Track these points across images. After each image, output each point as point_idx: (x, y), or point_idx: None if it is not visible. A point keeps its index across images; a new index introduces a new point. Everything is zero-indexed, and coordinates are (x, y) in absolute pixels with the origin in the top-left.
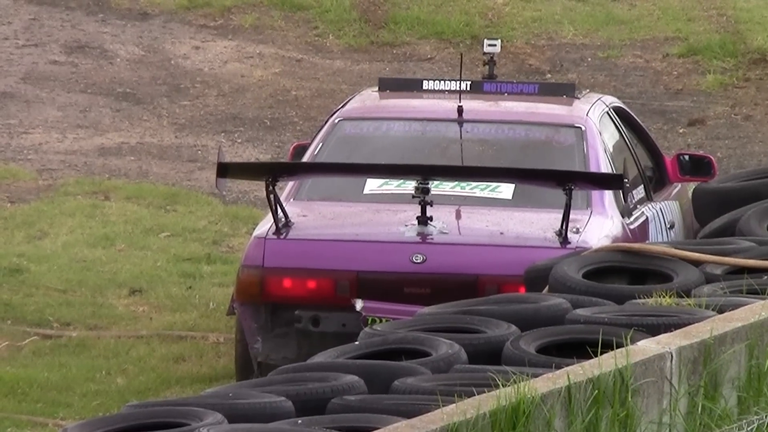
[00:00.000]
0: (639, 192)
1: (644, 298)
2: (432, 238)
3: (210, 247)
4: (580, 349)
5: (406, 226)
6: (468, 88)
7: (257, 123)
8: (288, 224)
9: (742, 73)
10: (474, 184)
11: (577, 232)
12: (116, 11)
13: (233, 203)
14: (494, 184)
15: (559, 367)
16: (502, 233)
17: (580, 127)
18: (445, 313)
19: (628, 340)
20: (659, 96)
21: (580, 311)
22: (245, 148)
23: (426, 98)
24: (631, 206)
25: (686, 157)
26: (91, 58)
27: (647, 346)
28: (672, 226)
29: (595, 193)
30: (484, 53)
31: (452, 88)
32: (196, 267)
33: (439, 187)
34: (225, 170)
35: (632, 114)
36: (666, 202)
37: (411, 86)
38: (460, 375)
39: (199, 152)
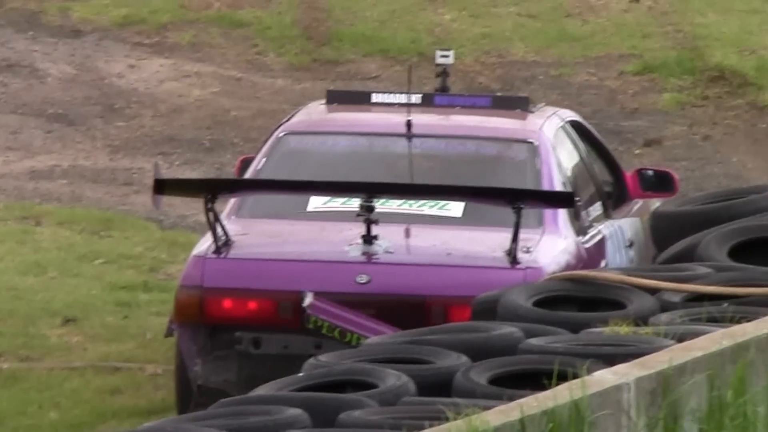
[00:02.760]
0: (596, 209)
1: (600, 326)
2: (377, 258)
3: (147, 274)
4: (534, 380)
5: (351, 245)
6: (419, 102)
7: (195, 144)
8: (228, 243)
9: (700, 91)
10: (422, 201)
11: (528, 251)
12: (47, 28)
13: (171, 228)
14: (443, 202)
15: (512, 398)
16: (450, 253)
17: (532, 143)
18: (392, 343)
19: (584, 371)
20: (614, 115)
21: (533, 341)
22: (183, 170)
23: (374, 112)
24: (587, 224)
25: (647, 173)
26: (21, 77)
27: (604, 377)
28: (631, 244)
29: (548, 212)
30: (437, 64)
31: (402, 101)
32: (132, 295)
33: (385, 205)
34: (162, 187)
35: (590, 128)
36: (626, 219)
37: (359, 99)
38: (409, 407)
39: (135, 175)
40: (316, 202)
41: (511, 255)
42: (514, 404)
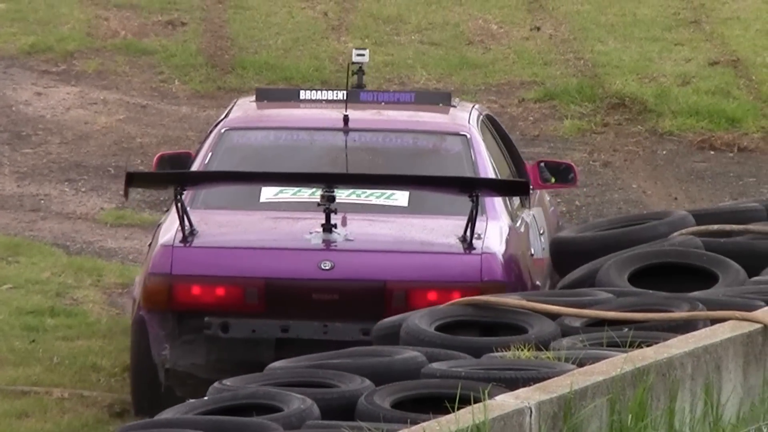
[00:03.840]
0: (515, 198)
1: (502, 351)
2: (339, 245)
3: (53, 299)
4: (436, 403)
5: (312, 233)
6: (345, 98)
7: (101, 171)
8: (193, 232)
9: (600, 118)
10: (369, 191)
11: (479, 237)
12: None
13: (77, 254)
14: (389, 192)
15: (414, 422)
16: (408, 239)
17: (465, 135)
18: (297, 367)
19: (486, 395)
20: (515, 142)
21: (435, 365)
22: (89, 197)
23: (310, 108)
24: (514, 212)
25: (548, 164)
26: None
27: (506, 401)
28: (543, 233)
29: (488, 200)
30: (353, 63)
31: (329, 98)
32: (39, 320)
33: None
34: (132, 179)
35: (498, 122)
36: (535, 208)
37: (288, 96)
38: (313, 431)
39: (42, 201)
40: (268, 194)
41: (467, 241)
42: (417, 428)
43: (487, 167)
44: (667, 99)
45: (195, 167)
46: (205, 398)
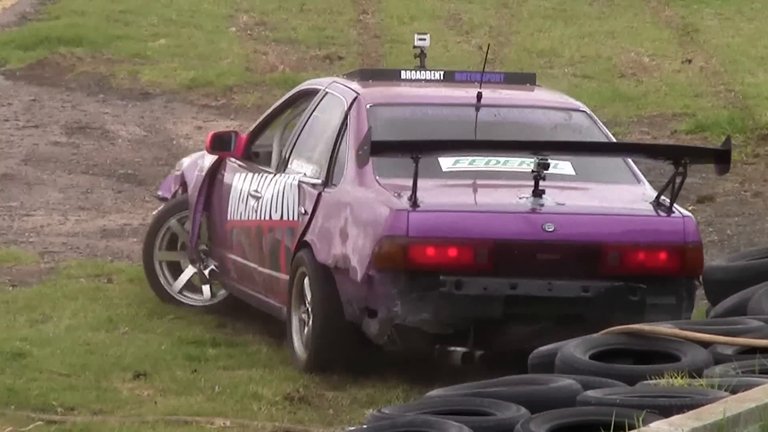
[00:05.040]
0: None
1: (656, 378)
2: (556, 209)
3: (214, 330)
4: (592, 431)
5: (525, 198)
6: (441, 78)
7: None
8: (418, 198)
9: (751, 149)
10: (532, 160)
11: (671, 203)
12: (117, 91)
13: None
14: (554, 162)
15: None
16: (611, 204)
17: (585, 111)
18: (454, 395)
19: (641, 422)
20: (667, 173)
21: (591, 393)
22: None
23: (433, 86)
24: None
25: None
26: (92, 138)
27: (660, 428)
28: None
29: (637, 169)
30: (415, 47)
31: (428, 78)
32: (200, 350)
33: (507, 165)
34: (377, 148)
35: None
36: None
37: (390, 76)
38: None
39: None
40: (447, 164)
41: (666, 206)
42: None
43: (613, 139)
44: None
45: (350, 140)
46: (364, 426)
